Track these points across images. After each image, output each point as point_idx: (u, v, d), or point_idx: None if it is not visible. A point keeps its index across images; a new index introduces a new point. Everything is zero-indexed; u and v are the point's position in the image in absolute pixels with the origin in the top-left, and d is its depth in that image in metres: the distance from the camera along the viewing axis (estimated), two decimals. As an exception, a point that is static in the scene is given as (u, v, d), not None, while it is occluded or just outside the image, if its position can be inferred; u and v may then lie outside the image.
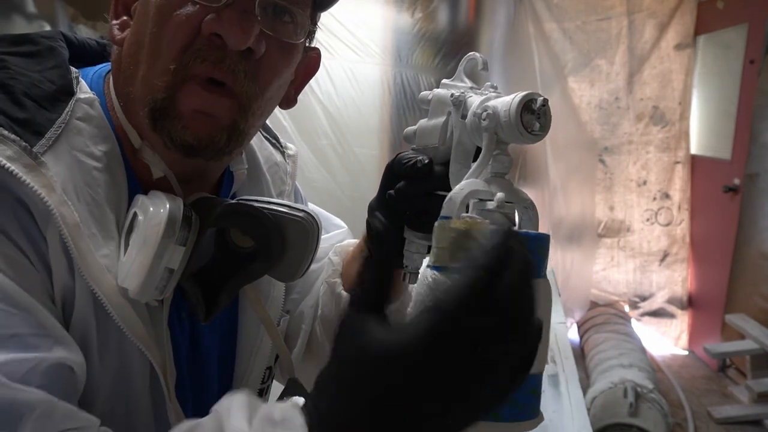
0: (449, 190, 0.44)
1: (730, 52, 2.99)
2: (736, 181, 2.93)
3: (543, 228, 0.43)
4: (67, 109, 0.50)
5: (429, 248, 0.52)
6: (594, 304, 3.34)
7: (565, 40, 3.18)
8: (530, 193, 0.45)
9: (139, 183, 0.55)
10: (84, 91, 0.53)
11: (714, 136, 3.19)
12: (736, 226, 2.90)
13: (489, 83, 0.50)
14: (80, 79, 0.54)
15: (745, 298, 2.85)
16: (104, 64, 0.59)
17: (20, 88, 0.48)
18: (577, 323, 3.29)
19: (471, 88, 0.50)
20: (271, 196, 0.67)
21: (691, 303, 3.42)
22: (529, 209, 0.43)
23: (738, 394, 2.82)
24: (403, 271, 0.56)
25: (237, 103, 0.52)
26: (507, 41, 2.98)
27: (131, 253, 0.48)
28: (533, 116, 0.41)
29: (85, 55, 0.60)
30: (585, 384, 2.58)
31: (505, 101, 0.42)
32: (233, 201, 0.59)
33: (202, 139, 0.51)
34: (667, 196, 3.37)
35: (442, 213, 0.41)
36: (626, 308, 3.44)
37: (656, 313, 3.45)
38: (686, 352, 3.40)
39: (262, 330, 0.65)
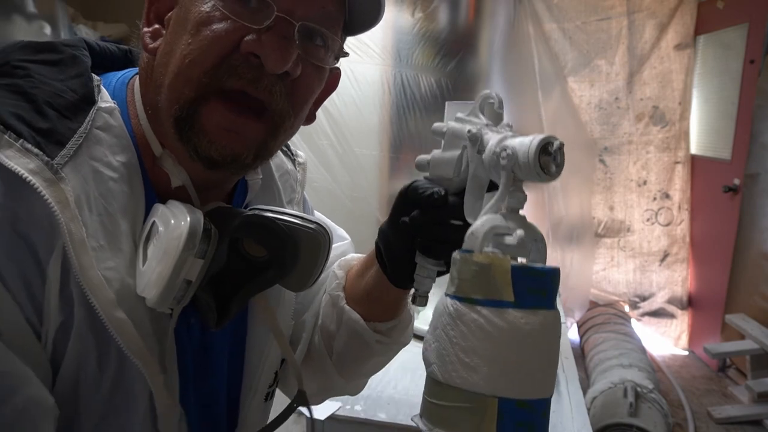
0: (462, 219, 0.50)
1: (730, 52, 2.99)
2: (736, 181, 2.93)
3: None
4: (88, 119, 0.50)
5: (438, 273, 0.58)
6: (594, 304, 3.34)
7: (565, 40, 3.18)
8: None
9: (156, 192, 0.55)
10: (105, 100, 0.53)
11: (714, 136, 3.19)
12: (736, 226, 2.90)
13: (506, 122, 0.52)
14: (101, 87, 0.54)
15: (745, 298, 2.85)
16: (128, 70, 0.60)
17: (43, 97, 0.48)
18: (577, 323, 3.29)
19: (486, 125, 0.51)
20: (282, 205, 0.68)
21: (691, 303, 3.42)
22: (539, 242, 0.46)
23: (738, 394, 2.82)
24: (413, 294, 0.59)
25: (269, 121, 0.52)
26: (507, 41, 2.98)
27: (151, 264, 0.49)
28: (550, 158, 0.44)
29: (107, 61, 0.60)
30: (585, 384, 2.58)
31: (524, 142, 0.43)
32: (249, 212, 0.59)
33: (227, 156, 0.51)
34: (667, 196, 3.37)
35: (464, 246, 0.43)
36: (626, 308, 3.44)
37: (656, 313, 3.45)
38: (686, 352, 3.40)
39: (270, 337, 0.65)
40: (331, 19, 0.54)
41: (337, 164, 2.81)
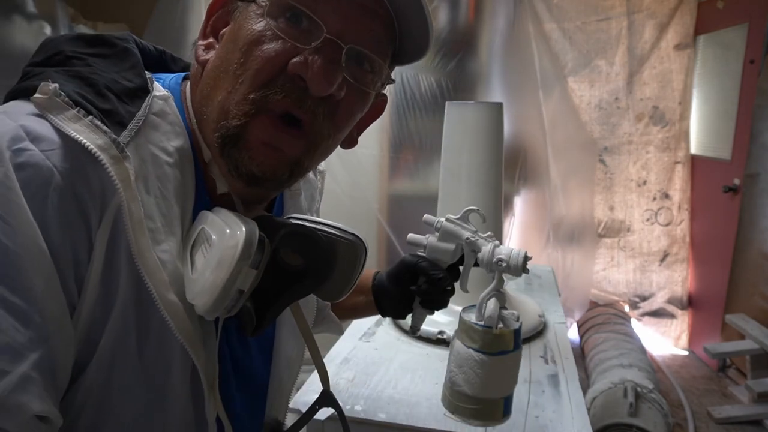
0: (450, 286, 0.77)
1: (730, 52, 2.99)
2: (736, 181, 2.93)
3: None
4: (145, 104, 0.52)
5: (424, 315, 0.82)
6: (594, 304, 3.34)
7: (565, 40, 3.18)
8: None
9: (205, 186, 0.57)
10: (158, 89, 0.55)
11: (714, 136, 3.19)
12: (736, 226, 2.90)
13: (489, 233, 0.75)
14: (154, 80, 0.55)
15: (745, 298, 2.85)
16: (178, 74, 0.62)
17: (102, 82, 0.50)
18: (577, 323, 3.29)
19: (475, 232, 0.74)
20: (305, 212, 0.71)
21: (691, 303, 3.42)
22: (511, 309, 0.73)
23: (738, 394, 2.82)
24: (411, 328, 0.83)
25: (307, 141, 0.54)
26: (507, 41, 2.98)
27: (204, 273, 0.49)
28: (526, 262, 0.69)
29: (145, 59, 0.61)
30: (585, 384, 2.58)
31: (513, 254, 0.69)
32: (291, 222, 0.60)
33: (266, 172, 0.53)
34: (667, 196, 3.37)
35: (485, 323, 0.69)
36: (626, 308, 3.44)
37: (656, 313, 3.45)
38: (686, 352, 3.40)
39: (295, 337, 0.70)
40: (380, 44, 0.55)
41: (337, 164, 2.81)
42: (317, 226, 0.60)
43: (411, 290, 0.77)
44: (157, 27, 2.82)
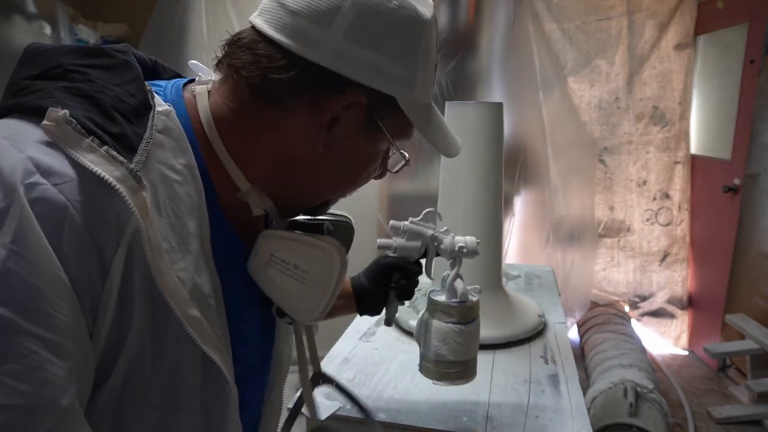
0: (419, 276, 0.93)
1: (730, 52, 2.99)
2: (736, 181, 2.93)
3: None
4: (150, 123, 0.51)
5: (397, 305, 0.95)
6: (594, 304, 3.34)
7: (565, 40, 3.18)
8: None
9: (215, 192, 0.58)
10: (159, 103, 0.54)
11: (714, 136, 3.19)
12: (736, 226, 2.90)
13: (445, 228, 0.90)
14: (154, 93, 0.55)
15: (745, 298, 2.85)
16: (176, 81, 0.61)
17: (108, 101, 0.49)
18: (577, 323, 3.29)
19: (434, 229, 0.89)
20: None
21: (691, 303, 3.42)
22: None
23: (738, 394, 2.82)
24: (387, 319, 0.95)
25: None
26: (507, 41, 2.98)
27: (309, 292, 0.59)
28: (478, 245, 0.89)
29: (143, 70, 0.61)
30: (585, 384, 2.58)
31: (468, 241, 0.88)
32: (320, 219, 0.71)
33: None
34: (667, 196, 3.37)
35: (460, 299, 0.88)
36: (626, 308, 3.43)
37: (656, 313, 3.45)
38: (686, 352, 3.40)
39: (287, 339, 0.76)
40: None
41: (337, 164, 2.81)
42: (326, 218, 0.70)
43: (389, 287, 0.92)
44: (157, 27, 2.82)
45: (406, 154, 0.64)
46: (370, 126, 0.59)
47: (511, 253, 3.12)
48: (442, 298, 0.89)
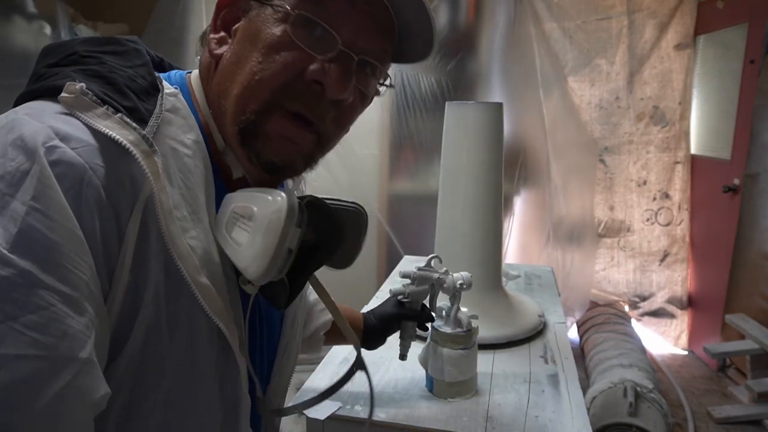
0: (432, 321, 1.01)
1: (730, 52, 2.99)
2: (736, 181, 2.93)
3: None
4: (159, 102, 0.54)
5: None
6: (594, 304, 3.34)
7: (565, 40, 3.18)
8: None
9: (221, 173, 0.60)
10: (167, 86, 0.57)
11: (714, 136, 3.19)
12: (736, 226, 2.90)
13: (445, 269, 0.99)
14: (162, 79, 0.58)
15: (745, 298, 2.85)
16: (179, 71, 0.65)
17: (121, 80, 0.52)
18: (577, 323, 3.29)
19: (436, 271, 0.99)
20: None
21: (691, 303, 3.42)
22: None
23: (738, 394, 2.82)
24: (402, 354, 1.02)
25: (317, 137, 0.60)
26: (507, 41, 2.98)
27: (253, 241, 0.53)
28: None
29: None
30: (585, 384, 2.58)
31: (465, 277, 0.99)
32: (306, 196, 0.64)
33: (285, 161, 0.59)
34: (667, 196, 3.37)
35: (465, 329, 1.02)
36: (626, 308, 3.44)
37: (656, 313, 3.45)
38: (686, 352, 3.40)
39: (300, 309, 0.77)
40: (385, 54, 0.61)
41: (337, 164, 2.81)
42: (325, 197, 0.65)
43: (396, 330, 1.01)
44: (157, 27, 2.82)
45: (330, 30, 0.55)
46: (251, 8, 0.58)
47: (511, 253, 3.12)
48: (448, 329, 1.02)
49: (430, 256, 1.02)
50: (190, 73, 0.65)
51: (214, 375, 0.57)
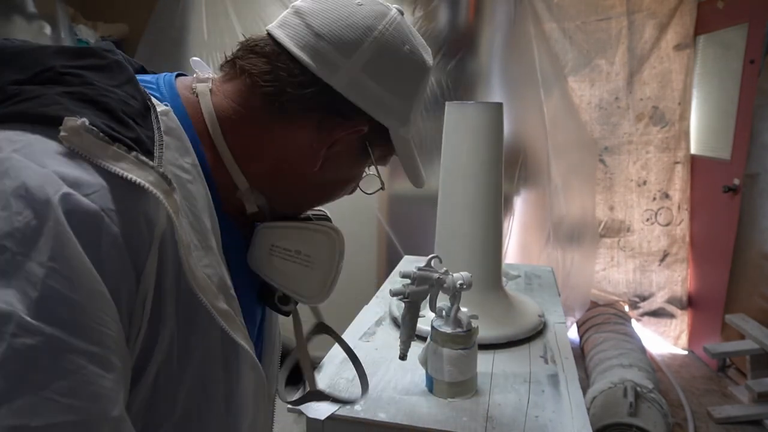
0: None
1: (730, 52, 2.99)
2: (736, 181, 2.93)
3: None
4: (155, 125, 0.51)
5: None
6: (594, 304, 3.34)
7: (565, 40, 3.18)
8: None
9: (217, 191, 0.59)
10: (157, 104, 0.54)
11: (714, 136, 3.19)
12: (736, 226, 2.90)
13: (445, 269, 1.01)
14: (149, 93, 0.54)
15: (745, 298, 2.85)
16: (165, 76, 0.61)
17: (114, 105, 0.48)
18: (577, 323, 3.29)
19: (436, 271, 1.01)
20: None
21: (691, 303, 3.42)
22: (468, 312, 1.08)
23: (738, 394, 2.82)
24: (402, 355, 1.03)
25: None
26: (507, 41, 2.98)
27: (315, 273, 0.63)
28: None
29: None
30: (585, 384, 2.58)
31: (464, 277, 1.00)
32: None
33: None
34: (667, 196, 3.37)
35: (465, 329, 1.03)
36: (626, 308, 3.44)
37: (656, 313, 3.45)
38: (686, 352, 3.40)
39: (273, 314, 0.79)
40: None
41: (337, 164, 2.80)
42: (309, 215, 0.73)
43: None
44: (157, 27, 2.82)
45: (383, 182, 0.71)
46: (361, 151, 0.64)
47: (511, 252, 3.12)
48: (448, 329, 1.02)
49: (430, 256, 1.02)
50: (179, 76, 0.62)
51: (225, 393, 0.58)
